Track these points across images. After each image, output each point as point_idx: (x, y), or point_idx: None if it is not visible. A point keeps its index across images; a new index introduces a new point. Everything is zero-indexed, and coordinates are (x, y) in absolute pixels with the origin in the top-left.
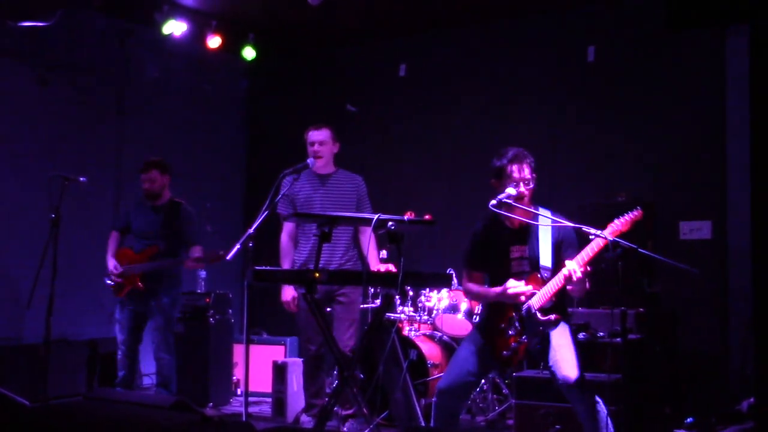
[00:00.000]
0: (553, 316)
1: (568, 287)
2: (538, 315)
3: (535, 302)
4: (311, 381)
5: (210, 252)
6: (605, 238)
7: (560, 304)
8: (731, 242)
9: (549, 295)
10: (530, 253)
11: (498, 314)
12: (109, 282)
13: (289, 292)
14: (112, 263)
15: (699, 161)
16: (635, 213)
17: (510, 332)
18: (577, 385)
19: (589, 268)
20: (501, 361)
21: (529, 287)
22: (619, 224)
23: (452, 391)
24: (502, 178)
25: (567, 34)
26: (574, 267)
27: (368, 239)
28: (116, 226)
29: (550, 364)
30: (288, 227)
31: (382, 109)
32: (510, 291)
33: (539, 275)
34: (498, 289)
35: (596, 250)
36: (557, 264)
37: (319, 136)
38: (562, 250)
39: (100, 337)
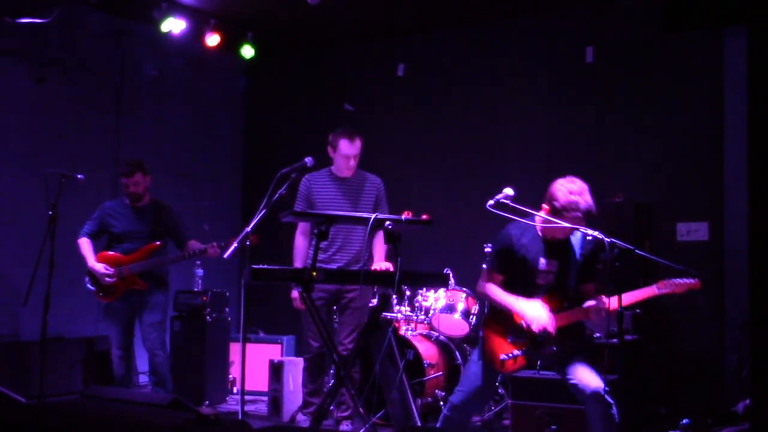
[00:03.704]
0: (569, 343)
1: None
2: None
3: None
4: (311, 379)
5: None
6: (655, 288)
7: (578, 329)
8: (728, 244)
9: (568, 321)
10: (559, 268)
11: (502, 317)
12: (92, 287)
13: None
14: (101, 266)
15: (697, 162)
16: (693, 282)
17: (515, 338)
18: (605, 395)
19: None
20: (496, 364)
21: (546, 320)
22: (673, 284)
23: (465, 407)
24: (557, 214)
25: (565, 35)
26: (599, 307)
27: (377, 238)
28: (87, 233)
29: (569, 376)
30: (302, 227)
31: (380, 109)
32: (530, 316)
33: (561, 295)
34: (522, 307)
35: (640, 297)
36: (578, 284)
37: (354, 149)
38: (582, 274)
39: (96, 335)
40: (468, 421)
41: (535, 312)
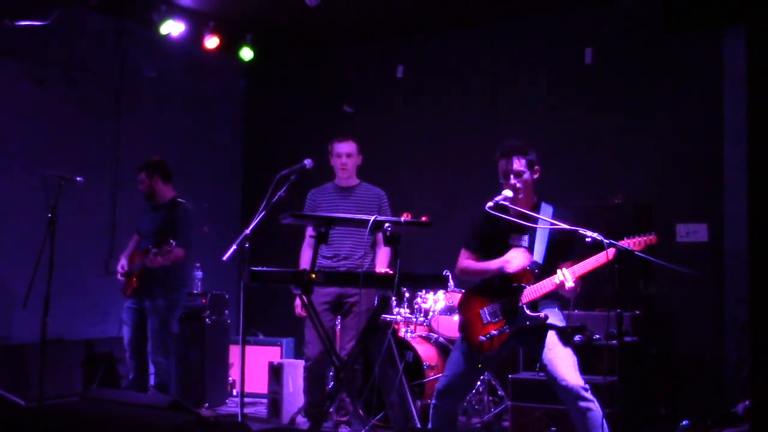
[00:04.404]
0: (542, 314)
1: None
2: (526, 310)
3: (524, 296)
4: (312, 392)
5: (163, 248)
6: (607, 253)
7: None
8: (728, 245)
9: (538, 294)
10: (529, 243)
11: (478, 299)
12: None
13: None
14: (120, 263)
15: (696, 163)
16: (650, 237)
17: (489, 318)
18: (582, 392)
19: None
20: (475, 346)
21: (527, 256)
22: (628, 244)
23: (448, 393)
24: (498, 172)
25: (565, 36)
26: (567, 276)
27: (381, 246)
28: (135, 228)
29: (545, 362)
30: (309, 240)
31: (379, 110)
32: (510, 263)
33: (530, 269)
34: (498, 260)
35: (595, 265)
36: (549, 262)
37: (346, 148)
38: (558, 249)
39: (95, 337)
40: (456, 408)
41: (512, 254)
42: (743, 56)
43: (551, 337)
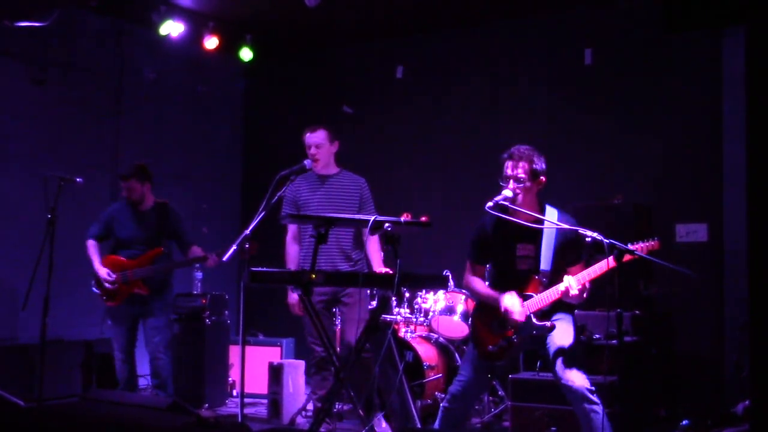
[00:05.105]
0: (548, 323)
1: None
2: (533, 319)
3: (531, 305)
4: (319, 386)
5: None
6: (608, 261)
7: (559, 306)
8: (727, 245)
9: (545, 303)
10: (536, 252)
11: (488, 309)
12: (97, 291)
13: (294, 295)
14: (104, 271)
15: (695, 164)
16: (652, 243)
17: (498, 329)
18: (588, 394)
19: (588, 285)
20: (485, 356)
21: (519, 309)
22: (632, 249)
23: (461, 397)
24: (501, 174)
25: (564, 37)
26: (571, 283)
27: (371, 243)
28: (94, 235)
29: (559, 374)
30: (292, 230)
31: (378, 111)
32: (503, 306)
33: (538, 278)
34: (495, 296)
35: (599, 272)
36: (557, 269)
37: (314, 138)
38: (565, 254)
39: (95, 338)
40: (469, 412)
41: (507, 302)
42: (742, 56)
43: (558, 335)
